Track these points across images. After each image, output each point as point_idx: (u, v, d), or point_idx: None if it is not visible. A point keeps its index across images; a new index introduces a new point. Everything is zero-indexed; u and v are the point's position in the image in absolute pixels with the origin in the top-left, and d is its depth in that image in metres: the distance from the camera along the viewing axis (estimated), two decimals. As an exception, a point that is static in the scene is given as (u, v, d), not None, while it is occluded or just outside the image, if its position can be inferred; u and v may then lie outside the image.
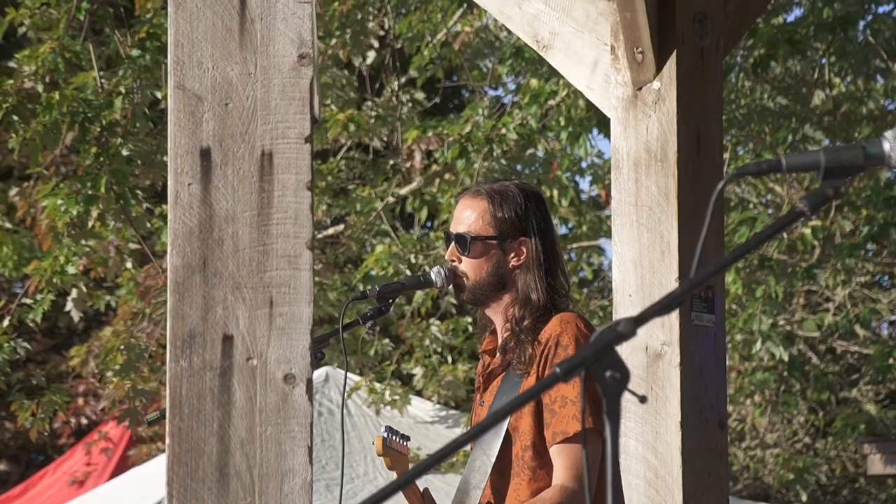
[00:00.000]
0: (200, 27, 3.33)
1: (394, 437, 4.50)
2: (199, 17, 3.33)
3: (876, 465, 13.67)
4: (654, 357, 5.03)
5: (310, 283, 3.23)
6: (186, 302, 3.28)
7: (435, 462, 2.45)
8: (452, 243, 4.61)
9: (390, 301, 4.71)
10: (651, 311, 2.44)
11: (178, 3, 3.33)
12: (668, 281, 5.19)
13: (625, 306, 5.30)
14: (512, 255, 4.58)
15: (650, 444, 5.09)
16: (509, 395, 4.52)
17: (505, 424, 4.51)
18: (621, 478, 4.83)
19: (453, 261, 4.59)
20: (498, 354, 4.61)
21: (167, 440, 3.27)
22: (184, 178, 3.29)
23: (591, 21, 5.44)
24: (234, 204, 3.27)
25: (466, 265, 4.57)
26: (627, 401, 4.95)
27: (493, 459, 4.53)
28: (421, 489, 4.62)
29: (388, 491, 2.44)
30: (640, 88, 5.28)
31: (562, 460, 4.44)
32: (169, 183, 3.29)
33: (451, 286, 4.63)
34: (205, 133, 3.30)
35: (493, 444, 4.53)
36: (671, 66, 5.22)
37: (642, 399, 2.42)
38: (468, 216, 4.61)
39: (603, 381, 2.43)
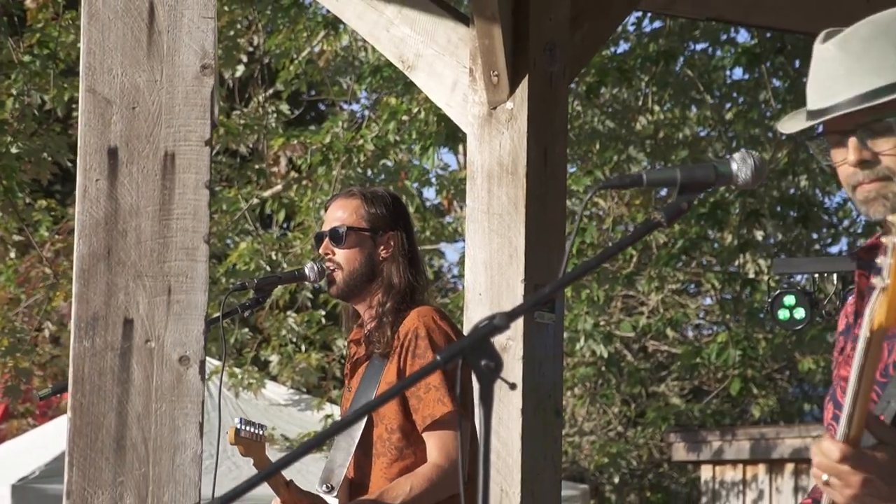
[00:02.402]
0: (111, 36, 3.31)
1: (246, 428, 4.46)
2: (110, 27, 3.30)
3: (679, 452, 13.87)
4: (500, 350, 5.06)
5: (205, 274, 3.22)
6: (91, 288, 3.25)
7: (305, 451, 2.44)
8: (326, 239, 4.59)
9: (267, 292, 4.70)
10: (522, 307, 2.47)
11: (92, 14, 3.30)
12: (515, 282, 5.24)
13: (475, 304, 5.35)
14: (381, 247, 4.57)
15: (494, 429, 5.13)
16: (373, 380, 4.52)
17: (362, 405, 4.50)
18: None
19: (327, 254, 4.58)
20: (363, 343, 4.61)
21: (69, 414, 3.24)
22: (92, 175, 3.26)
23: (452, 45, 5.47)
24: (138, 199, 3.25)
25: (340, 256, 4.56)
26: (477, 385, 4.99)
27: (357, 440, 4.53)
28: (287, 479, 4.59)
29: (255, 480, 2.44)
30: (494, 108, 5.32)
31: (433, 442, 4.43)
32: (78, 179, 3.26)
33: (323, 280, 4.62)
34: (113, 134, 3.28)
35: (357, 426, 4.53)
36: (523, 88, 5.27)
37: (512, 386, 2.44)
38: (341, 215, 4.60)
39: (479, 369, 2.45)
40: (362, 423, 4.51)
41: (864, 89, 2.75)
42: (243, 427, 4.42)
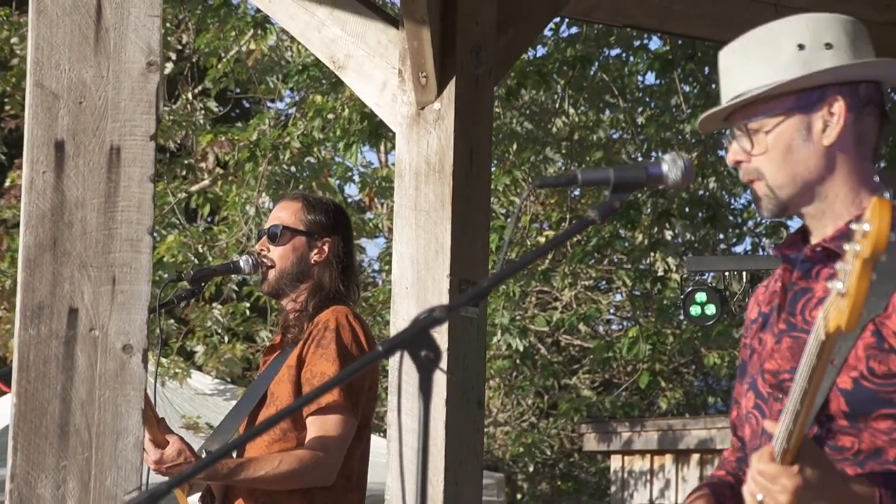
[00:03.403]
0: (59, 33, 3.29)
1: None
2: (58, 23, 3.29)
3: (590, 442, 13.94)
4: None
5: (149, 265, 3.21)
6: (37, 277, 3.23)
7: (225, 453, 2.45)
8: (264, 236, 4.61)
9: (202, 284, 4.70)
10: (462, 300, 2.49)
11: (40, 10, 3.29)
12: (441, 277, 5.26)
13: (402, 297, 5.36)
14: (315, 251, 4.60)
15: (420, 419, 5.13)
16: (278, 365, 4.54)
17: (265, 387, 4.53)
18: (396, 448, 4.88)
19: (263, 251, 4.60)
20: (279, 332, 4.63)
21: (13, 399, 3.22)
22: (39, 167, 3.24)
23: (381, 47, 5.48)
24: (84, 192, 3.24)
25: (275, 254, 4.58)
26: (405, 381, 5.00)
27: (247, 414, 4.55)
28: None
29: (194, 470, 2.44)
30: (422, 108, 5.34)
31: (314, 427, 4.44)
32: (24, 170, 3.25)
33: (257, 273, 4.63)
34: (60, 127, 3.26)
35: (251, 401, 4.56)
36: (451, 90, 5.29)
37: (450, 375, 2.46)
38: (281, 215, 4.63)
39: (419, 360, 2.47)
40: (256, 398, 4.53)
41: (737, 91, 2.81)
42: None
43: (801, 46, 2.79)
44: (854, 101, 2.81)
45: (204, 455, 4.54)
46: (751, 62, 2.81)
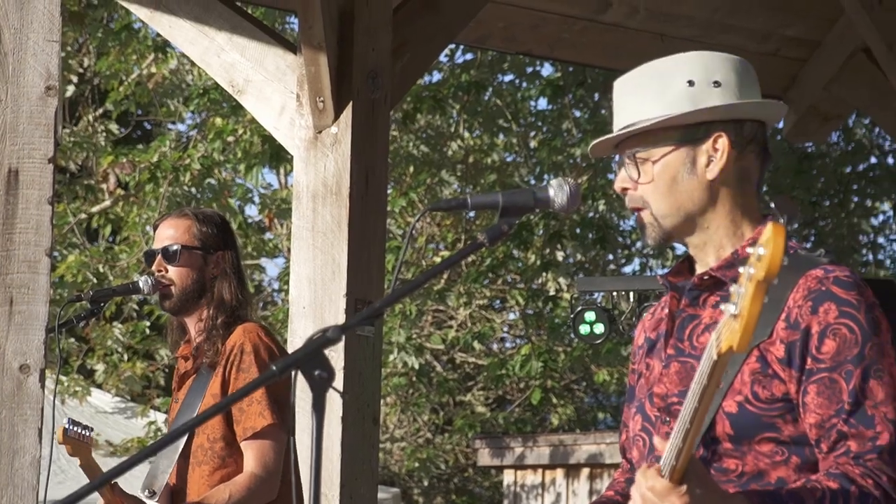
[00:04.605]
0: (-42, 57, 3.25)
1: (74, 428, 4.40)
2: (-43, 47, 3.24)
3: (484, 457, 13.96)
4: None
5: (47, 286, 3.17)
6: (-65, 297, 3.18)
7: (137, 461, 2.43)
8: (159, 256, 4.55)
9: (102, 304, 4.64)
10: (355, 320, 2.49)
11: (-61, 34, 3.24)
12: (338, 297, 5.24)
13: (299, 317, 5.34)
14: (212, 265, 4.56)
15: (313, 436, 5.11)
16: (199, 392, 4.49)
17: (193, 417, 4.48)
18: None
19: (160, 271, 4.54)
20: (191, 357, 4.58)
21: (-90, 419, 3.16)
22: (-63, 189, 3.20)
23: (280, 72, 5.47)
24: (-18, 213, 3.19)
25: (173, 273, 4.52)
26: (299, 398, 4.98)
27: (180, 448, 4.50)
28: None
29: (90, 487, 2.42)
30: (320, 132, 5.33)
31: (251, 452, 4.42)
32: (-77, 192, 3.19)
33: (156, 294, 4.58)
34: (-42, 150, 3.22)
35: (180, 438, 4.51)
36: (347, 114, 5.28)
37: (343, 395, 2.46)
38: (173, 233, 4.56)
39: (312, 379, 2.46)
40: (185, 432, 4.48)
41: (628, 121, 2.85)
42: (72, 427, 4.37)
43: (690, 83, 2.83)
44: (738, 139, 2.85)
45: (145, 495, 4.49)
46: (642, 94, 2.84)
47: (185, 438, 4.47)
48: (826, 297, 2.74)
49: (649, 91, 2.84)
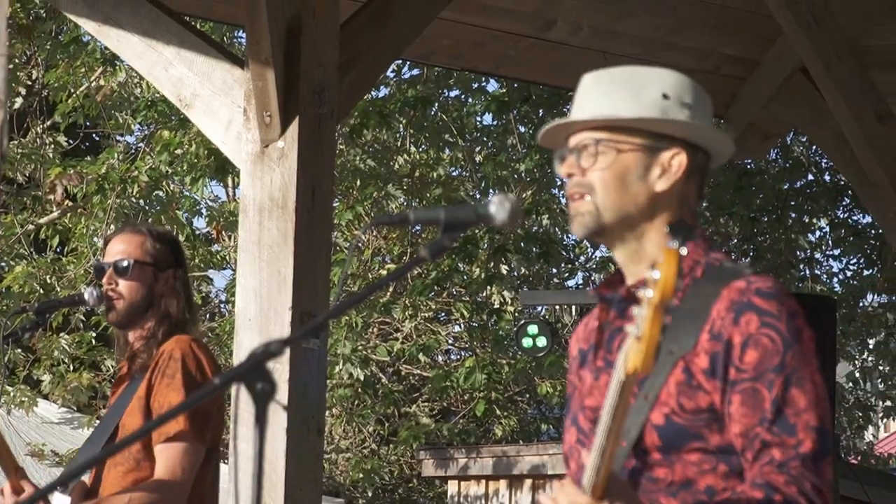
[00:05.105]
0: None
1: None
2: None
3: (428, 468, 13.95)
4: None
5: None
6: None
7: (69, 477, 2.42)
8: (110, 270, 4.54)
9: (47, 315, 4.63)
10: (298, 334, 2.49)
11: None
12: (283, 310, 5.23)
13: (245, 329, 5.32)
14: (162, 282, 4.56)
15: (255, 449, 5.09)
16: (128, 395, 4.49)
17: (116, 420, 4.48)
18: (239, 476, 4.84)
19: (110, 285, 4.54)
20: (127, 362, 4.58)
21: None
22: None
23: (227, 86, 5.46)
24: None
25: (123, 287, 4.53)
26: (242, 409, 4.97)
27: (100, 447, 4.49)
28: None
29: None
30: (267, 146, 5.32)
31: (162, 458, 4.41)
32: None
33: (102, 306, 4.56)
34: None
35: (102, 436, 4.50)
36: (294, 129, 5.28)
37: (285, 408, 2.45)
38: (125, 248, 4.57)
39: (255, 392, 2.46)
40: (108, 431, 4.48)
41: (598, 113, 2.87)
42: None
43: (665, 96, 2.88)
44: (691, 163, 2.89)
45: (58, 494, 4.46)
46: (617, 91, 2.88)
47: (106, 437, 4.47)
48: (747, 308, 2.77)
49: (624, 92, 2.88)
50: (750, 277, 2.81)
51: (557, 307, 9.19)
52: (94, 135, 15.74)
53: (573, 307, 9.15)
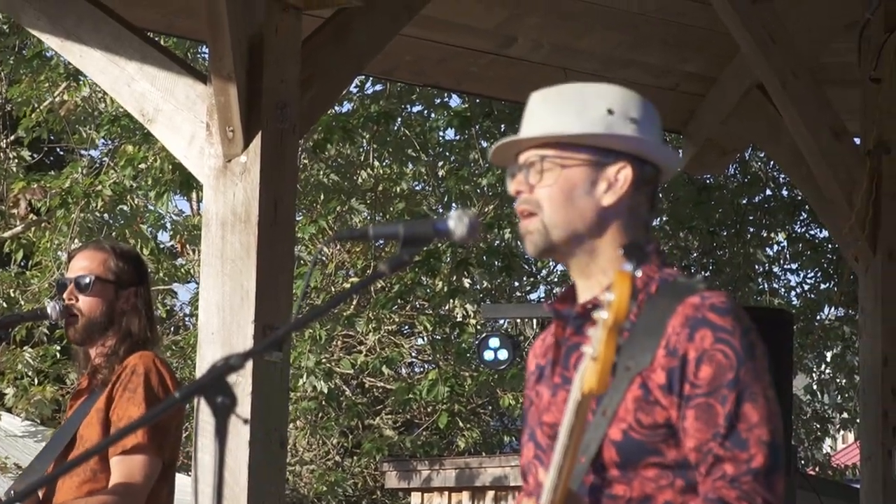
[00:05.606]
0: None
1: None
2: None
3: (392, 480, 13.94)
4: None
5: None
6: None
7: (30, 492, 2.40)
8: (71, 285, 4.52)
9: (9, 329, 4.60)
10: (259, 347, 2.48)
11: None
12: (246, 323, 5.23)
13: (208, 342, 5.32)
14: (123, 300, 4.54)
15: (216, 461, 5.08)
16: (87, 407, 4.47)
17: (74, 430, 4.46)
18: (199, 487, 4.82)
19: (71, 300, 4.51)
20: (87, 376, 4.55)
21: None
22: None
23: (190, 101, 5.45)
24: None
25: (84, 303, 4.50)
26: (203, 421, 4.95)
27: (56, 456, 4.47)
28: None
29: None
30: (229, 160, 5.32)
31: (118, 469, 4.38)
32: None
33: (64, 321, 4.54)
34: None
35: (58, 446, 4.48)
36: (256, 143, 5.28)
37: (245, 421, 2.45)
38: (87, 265, 4.54)
39: (215, 406, 2.45)
40: (65, 441, 4.45)
41: (544, 131, 2.88)
42: None
43: (610, 111, 2.88)
44: (638, 176, 2.89)
45: (6, 495, 4.43)
46: (562, 109, 2.89)
47: (62, 446, 4.44)
48: (702, 324, 2.77)
49: (570, 108, 2.88)
50: (704, 293, 2.81)
51: (519, 320, 9.21)
52: (58, 149, 15.69)
53: (535, 320, 9.16)
